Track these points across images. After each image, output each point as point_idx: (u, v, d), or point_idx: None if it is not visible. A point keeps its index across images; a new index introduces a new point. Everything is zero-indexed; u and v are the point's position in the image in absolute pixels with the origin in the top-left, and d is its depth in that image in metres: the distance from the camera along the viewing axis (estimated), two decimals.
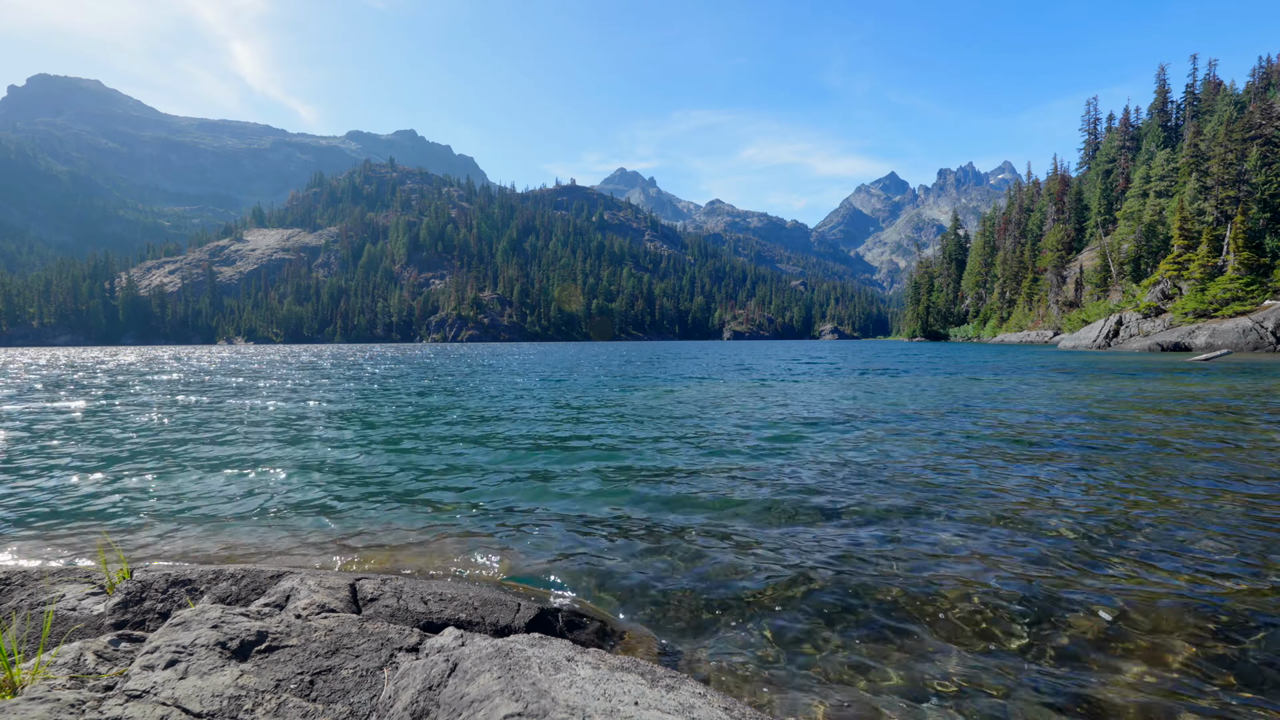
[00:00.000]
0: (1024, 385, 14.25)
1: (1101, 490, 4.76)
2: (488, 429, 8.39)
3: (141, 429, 8.55)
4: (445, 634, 2.05)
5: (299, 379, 19.34)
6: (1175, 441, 6.68)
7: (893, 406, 10.60)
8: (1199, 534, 3.68)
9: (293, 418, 9.72)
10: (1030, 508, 4.29)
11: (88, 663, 1.86)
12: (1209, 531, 3.72)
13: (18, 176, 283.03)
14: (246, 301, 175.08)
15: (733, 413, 9.82)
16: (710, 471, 5.59)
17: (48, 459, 6.43)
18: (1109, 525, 3.88)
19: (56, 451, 6.86)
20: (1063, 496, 4.58)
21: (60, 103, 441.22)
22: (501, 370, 23.27)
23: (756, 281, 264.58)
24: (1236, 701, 2.09)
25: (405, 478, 5.50)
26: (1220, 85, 68.17)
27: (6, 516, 4.40)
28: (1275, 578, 3.03)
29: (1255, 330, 31.93)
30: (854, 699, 2.15)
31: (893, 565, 3.29)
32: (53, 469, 5.93)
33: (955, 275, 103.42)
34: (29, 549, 3.71)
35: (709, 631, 2.63)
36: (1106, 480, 5.07)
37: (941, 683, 2.23)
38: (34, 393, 14.73)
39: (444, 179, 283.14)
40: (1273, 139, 45.87)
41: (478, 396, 13.18)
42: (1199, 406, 9.78)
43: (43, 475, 5.66)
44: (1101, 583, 3.01)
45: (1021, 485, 4.93)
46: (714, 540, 3.72)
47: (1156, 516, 4.05)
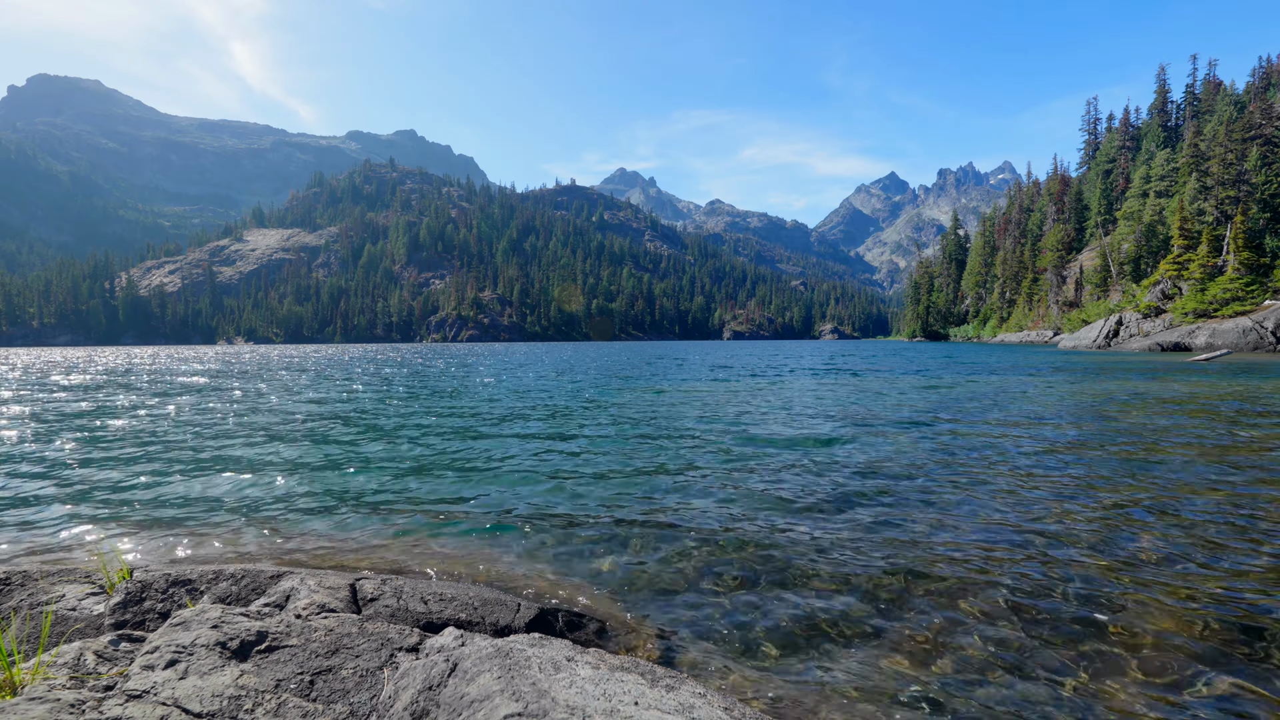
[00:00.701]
0: (1049, 387, 14.26)
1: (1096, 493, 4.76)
2: (486, 428, 8.39)
3: (141, 428, 8.55)
4: (445, 634, 2.05)
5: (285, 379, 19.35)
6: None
7: (960, 409, 10.60)
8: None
9: (292, 417, 9.72)
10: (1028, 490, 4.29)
11: (88, 663, 1.86)
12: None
13: (18, 176, 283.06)
14: (246, 301, 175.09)
15: (755, 412, 9.82)
16: (719, 471, 5.59)
17: (46, 458, 6.43)
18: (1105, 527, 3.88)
19: (55, 451, 6.86)
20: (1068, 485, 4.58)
21: (60, 103, 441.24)
22: (480, 371, 23.27)
23: (756, 281, 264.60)
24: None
25: (405, 477, 5.50)
26: (1220, 85, 68.17)
27: (6, 516, 4.40)
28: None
29: (1255, 330, 31.93)
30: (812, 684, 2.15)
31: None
32: (52, 468, 5.93)
33: (955, 275, 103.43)
34: (29, 549, 3.71)
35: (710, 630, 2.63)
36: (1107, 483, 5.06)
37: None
38: (39, 392, 14.73)
39: (444, 179, 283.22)
40: (1273, 139, 45.87)
41: (473, 398, 13.18)
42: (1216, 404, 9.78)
43: (43, 475, 5.66)
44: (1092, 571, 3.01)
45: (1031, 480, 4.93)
46: (717, 540, 3.72)
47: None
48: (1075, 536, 3.69)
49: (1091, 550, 3.45)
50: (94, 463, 6.22)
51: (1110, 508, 4.28)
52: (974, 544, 3.60)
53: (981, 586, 2.99)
